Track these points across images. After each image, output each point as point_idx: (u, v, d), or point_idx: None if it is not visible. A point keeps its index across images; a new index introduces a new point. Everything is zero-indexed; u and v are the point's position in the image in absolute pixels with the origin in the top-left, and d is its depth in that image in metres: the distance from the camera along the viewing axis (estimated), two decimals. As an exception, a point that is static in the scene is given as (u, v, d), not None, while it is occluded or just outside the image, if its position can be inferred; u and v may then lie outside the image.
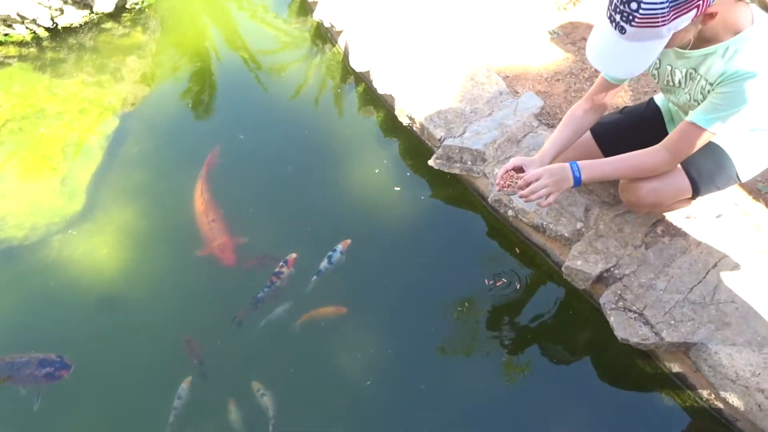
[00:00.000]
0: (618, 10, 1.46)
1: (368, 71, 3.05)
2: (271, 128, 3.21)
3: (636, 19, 1.43)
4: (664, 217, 2.23)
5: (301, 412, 2.19)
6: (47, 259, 2.63)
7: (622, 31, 1.49)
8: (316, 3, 3.49)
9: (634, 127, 2.16)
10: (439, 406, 2.17)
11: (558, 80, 2.93)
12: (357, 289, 2.51)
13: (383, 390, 2.22)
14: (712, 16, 1.47)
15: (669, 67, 1.81)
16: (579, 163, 1.86)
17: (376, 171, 2.89)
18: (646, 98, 2.25)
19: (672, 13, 1.40)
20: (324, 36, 3.65)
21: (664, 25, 1.43)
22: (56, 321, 2.47)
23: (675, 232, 2.18)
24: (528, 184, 1.84)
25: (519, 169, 1.93)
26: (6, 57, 3.54)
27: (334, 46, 3.56)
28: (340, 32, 3.36)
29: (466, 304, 2.39)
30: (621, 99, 2.74)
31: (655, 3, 1.39)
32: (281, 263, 2.49)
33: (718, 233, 2.18)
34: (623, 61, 1.57)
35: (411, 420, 2.16)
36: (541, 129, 2.59)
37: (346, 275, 2.50)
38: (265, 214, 2.79)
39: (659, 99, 2.17)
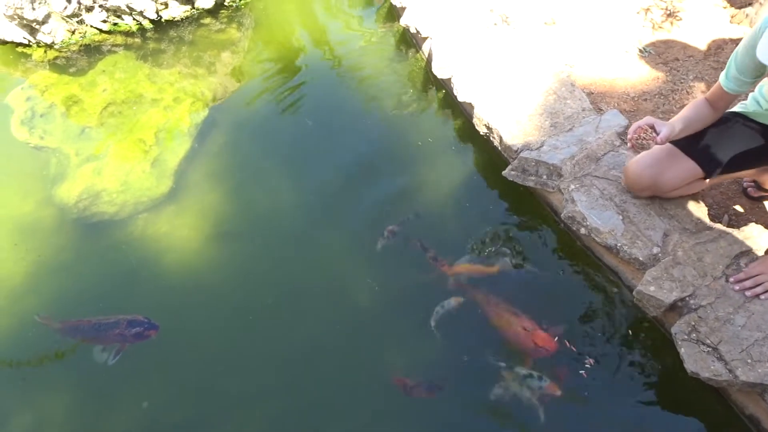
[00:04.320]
0: None
1: (450, 78, 3.07)
2: (349, 128, 3.28)
3: None
4: (749, 249, 2.12)
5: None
6: (132, 236, 2.81)
7: None
8: (403, 9, 3.55)
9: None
10: (499, 418, 2.15)
11: (645, 100, 2.83)
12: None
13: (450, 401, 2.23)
14: None
15: None
16: None
17: (448, 178, 2.90)
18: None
19: None
20: (409, 41, 3.70)
21: None
22: (135, 294, 2.64)
23: (760, 267, 2.06)
24: (749, 277, 2.01)
25: (651, 127, 2.04)
26: (114, 45, 3.82)
27: (417, 51, 3.60)
28: (425, 38, 3.40)
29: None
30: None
31: None
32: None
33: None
34: None
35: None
36: (623, 148, 2.52)
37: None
38: (333, 208, 2.86)
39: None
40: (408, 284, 2.53)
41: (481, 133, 2.90)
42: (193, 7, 3.92)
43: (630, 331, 2.29)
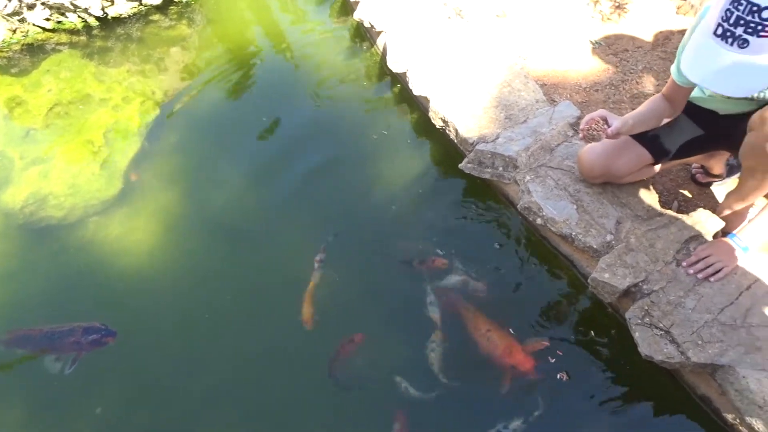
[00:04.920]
0: (741, 23, 1.45)
1: (405, 72, 3.06)
2: (304, 124, 3.24)
3: (766, 29, 1.43)
4: (698, 234, 2.17)
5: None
6: (83, 240, 2.72)
7: (743, 44, 1.48)
8: (357, 3, 3.52)
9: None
10: (460, 407, 2.16)
11: (597, 90, 2.88)
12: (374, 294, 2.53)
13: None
14: None
15: None
16: (736, 234, 2.03)
17: (406, 172, 2.90)
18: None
19: None
20: (363, 36, 3.67)
21: None
22: (89, 300, 2.55)
23: (708, 251, 2.12)
24: (700, 260, 2.06)
25: (603, 120, 2.05)
26: (58, 44, 3.68)
27: (372, 46, 3.58)
28: (379, 32, 3.38)
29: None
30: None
31: None
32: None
33: (754, 255, 2.12)
34: (744, 78, 1.54)
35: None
36: (576, 139, 2.55)
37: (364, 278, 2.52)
38: (289, 204, 2.83)
39: None
40: (373, 277, 2.52)
41: (437, 127, 2.90)
42: (141, 4, 3.81)
43: (585, 318, 2.33)
